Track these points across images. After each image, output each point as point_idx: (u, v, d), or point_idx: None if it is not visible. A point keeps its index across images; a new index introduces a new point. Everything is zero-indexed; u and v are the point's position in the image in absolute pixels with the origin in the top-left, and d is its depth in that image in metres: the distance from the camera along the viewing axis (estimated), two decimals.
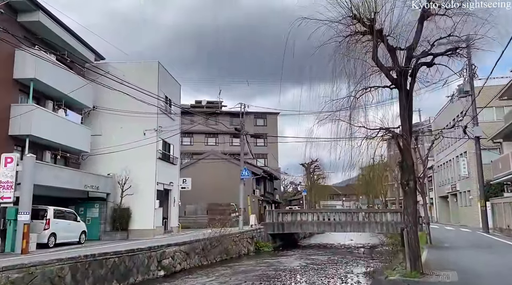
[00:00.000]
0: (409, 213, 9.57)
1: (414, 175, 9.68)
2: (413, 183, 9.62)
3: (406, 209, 9.62)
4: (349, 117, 9.97)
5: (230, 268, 18.55)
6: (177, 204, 28.60)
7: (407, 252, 9.52)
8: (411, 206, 9.59)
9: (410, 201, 9.60)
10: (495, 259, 12.93)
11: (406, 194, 9.66)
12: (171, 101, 27.19)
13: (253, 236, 26.68)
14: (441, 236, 22.81)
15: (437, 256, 13.55)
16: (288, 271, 17.97)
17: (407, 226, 9.55)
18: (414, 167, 9.84)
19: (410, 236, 9.47)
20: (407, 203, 9.59)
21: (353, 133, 10.73)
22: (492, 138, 28.26)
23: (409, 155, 9.80)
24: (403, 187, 9.73)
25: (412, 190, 9.61)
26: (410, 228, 9.50)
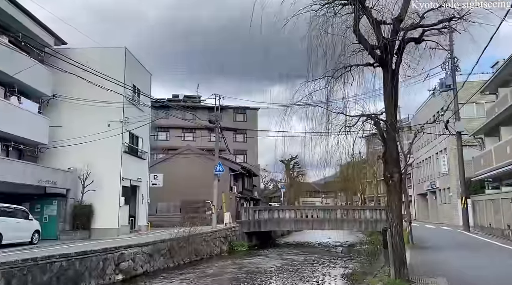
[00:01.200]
0: (394, 211, 8.30)
1: (399, 167, 8.42)
2: (398, 175, 8.36)
3: (389, 206, 8.36)
4: (325, 100, 8.62)
5: (198, 271, 17.09)
6: (146, 202, 26.88)
7: (391, 256, 8.26)
8: (396, 203, 8.32)
9: (395, 197, 8.33)
10: (483, 262, 11.84)
11: (389, 189, 8.39)
12: (140, 90, 25.45)
13: (226, 235, 25.24)
14: (423, 235, 21.84)
15: (422, 259, 12.39)
16: (261, 273, 16.61)
17: (391, 226, 8.28)
18: (399, 158, 8.58)
19: (394, 238, 8.21)
20: (391, 199, 8.33)
21: (331, 121, 9.44)
22: (474, 133, 27.55)
23: (394, 144, 8.54)
24: (387, 180, 8.45)
25: (397, 184, 8.34)
26: (394, 229, 8.24)
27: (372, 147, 64.75)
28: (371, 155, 59.94)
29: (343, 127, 9.46)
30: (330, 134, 9.47)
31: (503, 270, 10.33)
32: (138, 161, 25.41)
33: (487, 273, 9.80)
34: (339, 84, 9.24)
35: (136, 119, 23.82)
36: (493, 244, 17.16)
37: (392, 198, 8.38)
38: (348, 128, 9.48)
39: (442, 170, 35.72)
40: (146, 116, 26.06)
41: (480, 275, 9.52)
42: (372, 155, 57.23)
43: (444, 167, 35.31)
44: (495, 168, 22.05)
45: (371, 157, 60.73)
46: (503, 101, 22.86)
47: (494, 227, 21.95)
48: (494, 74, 24.23)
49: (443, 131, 30.64)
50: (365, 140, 64.34)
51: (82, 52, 22.24)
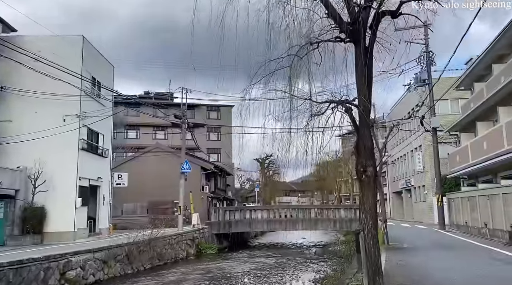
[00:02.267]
0: (367, 211, 7.11)
1: (373, 159, 7.24)
2: (372, 169, 7.17)
3: (363, 205, 7.16)
4: (288, 81, 7.35)
5: (157, 278, 15.59)
6: (108, 203, 25.11)
7: (364, 264, 7.07)
8: (370, 201, 7.13)
9: (368, 194, 7.14)
10: (464, 265, 10.84)
11: (363, 185, 7.20)
12: (100, 83, 23.68)
13: (194, 238, 23.76)
14: (398, 235, 20.93)
15: (398, 262, 11.31)
16: (226, 279, 15.28)
17: (364, 228, 7.08)
18: (373, 149, 7.40)
19: (368, 242, 7.02)
20: (365, 197, 7.14)
21: (296, 108, 8.20)
22: (449, 129, 26.97)
23: (368, 131, 7.34)
24: (359, 175, 7.25)
25: (371, 180, 7.15)
26: (368, 231, 7.04)
27: (347, 145, 64.55)
28: (346, 154, 59.59)
29: (310, 117, 8.28)
30: (297, 129, 8.25)
31: (486, 273, 9.33)
32: (98, 159, 23.65)
33: (468, 277, 8.77)
34: (305, 66, 8.01)
35: (95, 114, 22.07)
36: (471, 244, 16.34)
37: (365, 196, 7.19)
38: (316, 117, 8.29)
39: (417, 167, 35.20)
40: (107, 111, 24.29)
41: (463, 281, 8.47)
42: (347, 154, 56.88)
43: (419, 164, 34.80)
44: (471, 164, 21.39)
45: (346, 155, 60.40)
46: (479, 95, 22.24)
47: (471, 226, 21.28)
48: (470, 66, 23.61)
49: (419, 127, 30.13)
50: (340, 139, 64.21)
51: (33, 40, 20.43)
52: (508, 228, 16.29)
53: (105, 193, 24.76)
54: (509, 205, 16.08)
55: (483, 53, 21.08)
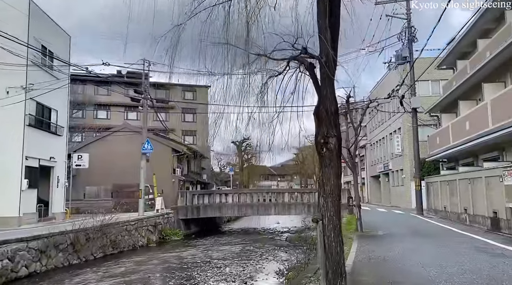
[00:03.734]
0: (328, 194, 5.48)
1: (338, 129, 5.59)
2: (336, 141, 5.52)
3: (322, 187, 5.54)
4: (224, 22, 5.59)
5: (104, 269, 13.86)
6: (64, 185, 23.07)
7: (322, 263, 5.47)
8: (332, 182, 5.50)
9: (330, 172, 5.50)
10: (446, 258, 9.44)
11: (323, 160, 5.55)
12: (52, 54, 21.36)
13: (156, 223, 22.00)
14: (373, 221, 19.68)
15: (371, 253, 9.84)
16: (181, 270, 13.66)
17: (324, 216, 5.46)
18: (338, 115, 5.75)
19: (328, 235, 5.41)
20: (325, 176, 5.51)
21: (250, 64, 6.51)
22: (430, 110, 25.69)
23: (332, 92, 5.67)
24: (319, 148, 5.60)
25: (333, 154, 5.51)
26: (329, 221, 5.43)
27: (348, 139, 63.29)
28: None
29: (268, 78, 6.59)
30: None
31: (471, 268, 7.92)
32: (51, 138, 21.50)
33: (453, 275, 7.33)
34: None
35: (47, 87, 19.86)
36: (450, 231, 15.11)
37: (326, 176, 5.54)
38: (273, 78, 6.59)
39: (396, 150, 34.09)
40: (63, 85, 22.05)
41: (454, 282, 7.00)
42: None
43: (398, 147, 33.68)
44: (452, 146, 20.14)
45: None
46: (462, 73, 20.89)
47: (450, 211, 20.16)
48: (454, 42, 22.17)
49: (398, 109, 28.81)
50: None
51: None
52: (490, 214, 15.09)
53: (60, 175, 22.69)
54: (492, 189, 14.85)
55: (468, 28, 19.63)
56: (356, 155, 52.28)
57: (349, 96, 14.63)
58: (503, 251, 10.08)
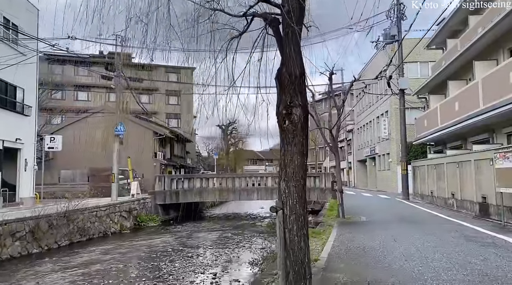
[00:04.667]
0: (290, 177, 4.43)
1: (303, 97, 4.52)
2: (301, 111, 4.46)
3: (283, 168, 4.49)
4: None
5: (66, 259, 12.77)
6: (33, 168, 21.77)
7: (281, 263, 4.44)
8: (296, 163, 4.45)
9: (293, 150, 4.45)
10: (433, 248, 8.54)
11: (285, 135, 4.50)
12: (17, 27, 19.83)
13: (131, 209, 20.91)
14: (357, 205, 18.89)
15: (350, 243, 8.90)
16: (148, 260, 12.67)
17: (285, 204, 4.42)
18: (305, 80, 4.67)
19: (290, 228, 4.39)
20: (287, 155, 4.47)
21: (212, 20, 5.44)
22: (418, 91, 24.76)
23: (297, 51, 4.56)
24: (281, 120, 4.53)
25: (298, 128, 4.45)
26: (291, 210, 4.39)
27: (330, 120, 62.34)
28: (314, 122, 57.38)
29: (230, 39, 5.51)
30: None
31: (460, 261, 7.04)
32: (16, 117, 20.14)
33: (441, 270, 6.42)
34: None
35: (9, 62, 18.38)
36: (437, 217, 14.31)
37: (288, 154, 4.49)
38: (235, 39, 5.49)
39: (383, 134, 33.29)
40: (31, 62, 20.54)
41: (434, 279, 6.08)
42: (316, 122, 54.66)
43: (385, 131, 32.87)
44: (440, 128, 19.28)
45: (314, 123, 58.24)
46: (452, 52, 19.91)
47: (436, 196, 19.42)
48: (444, 20, 21.15)
49: (386, 91, 27.86)
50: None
51: None
52: (479, 199, 14.30)
53: (28, 158, 21.38)
54: (482, 173, 14.02)
55: (459, 3, 18.59)
56: (343, 140, 51.70)
57: (331, 73, 13.55)
58: (493, 239, 9.24)
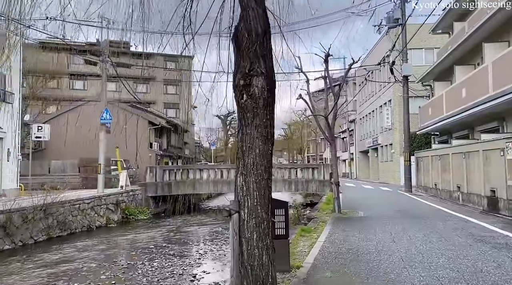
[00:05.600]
0: (250, 171, 3.34)
1: (269, 64, 3.41)
2: (263, 82, 3.35)
3: (242, 158, 3.40)
4: None
5: (36, 257, 11.80)
6: (16, 158, 20.77)
7: (235, 280, 3.35)
8: (257, 149, 3.35)
9: (253, 135, 3.37)
10: (437, 251, 7.47)
11: (243, 116, 3.39)
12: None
13: (118, 201, 19.91)
14: (356, 198, 17.81)
15: (342, 244, 7.83)
16: (125, 258, 11.68)
17: (242, 206, 3.33)
18: (269, 43, 3.55)
19: (248, 237, 3.31)
20: (247, 140, 3.38)
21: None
22: (422, 78, 23.50)
23: (260, 6, 3.40)
24: (238, 95, 3.43)
25: (259, 106, 3.34)
26: (249, 214, 3.30)
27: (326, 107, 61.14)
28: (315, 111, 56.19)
29: None
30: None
31: (471, 267, 5.95)
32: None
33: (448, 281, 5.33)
34: None
35: None
36: (441, 212, 13.22)
37: (247, 139, 3.39)
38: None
39: (385, 124, 32.08)
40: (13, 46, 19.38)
41: None
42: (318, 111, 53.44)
43: (388, 120, 31.65)
44: (446, 117, 18.09)
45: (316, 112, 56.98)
46: (459, 35, 18.60)
47: (441, 188, 18.30)
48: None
49: (389, 79, 26.63)
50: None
51: None
52: (487, 193, 13.16)
53: (11, 147, 20.37)
54: (491, 164, 12.86)
55: None
56: (345, 130, 50.46)
57: (327, 55, 12.35)
58: (506, 240, 8.13)
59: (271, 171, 3.47)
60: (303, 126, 60.38)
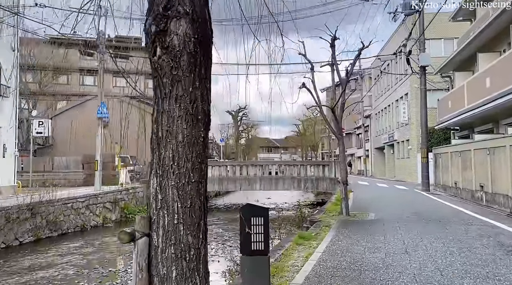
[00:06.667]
0: (167, 170, 2.13)
1: (202, 3, 2.21)
2: (188, 29, 2.15)
3: (157, 150, 2.23)
4: None
5: (12, 261, 10.85)
6: (14, 155, 20.03)
7: None
8: (180, 139, 2.15)
9: (173, 111, 2.16)
10: (463, 266, 6.17)
11: (158, 82, 2.19)
12: None
13: (116, 199, 18.96)
14: (368, 198, 16.45)
15: (344, 257, 6.57)
16: (109, 264, 10.67)
17: (155, 226, 2.14)
18: None
19: (162, 276, 2.08)
20: (161, 123, 2.19)
21: None
22: (441, 69, 21.88)
23: None
24: (151, 49, 2.23)
25: (181, 65, 2.12)
26: (166, 239, 2.11)
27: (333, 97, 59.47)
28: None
29: None
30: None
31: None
32: None
33: None
34: None
35: None
36: (463, 215, 11.79)
37: (164, 119, 2.18)
38: None
39: (402, 119, 30.42)
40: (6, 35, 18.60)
41: None
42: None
43: (404, 115, 29.99)
44: (468, 109, 16.54)
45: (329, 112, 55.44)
46: (483, 19, 16.98)
47: (461, 187, 16.77)
48: None
49: (406, 72, 25.10)
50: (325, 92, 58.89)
51: None
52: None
53: (8, 143, 19.63)
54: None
55: None
56: (360, 126, 48.74)
57: (334, 38, 11.00)
58: None
59: (205, 170, 2.28)
60: (316, 122, 58.81)
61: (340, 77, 11.43)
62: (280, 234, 10.89)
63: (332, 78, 11.61)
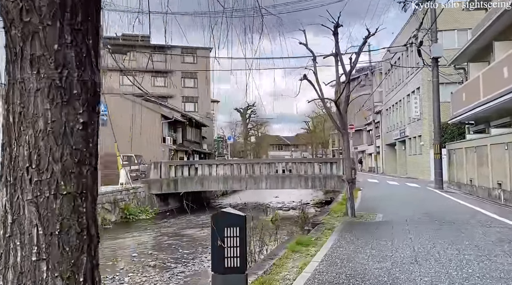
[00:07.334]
0: (21, 176, 1.36)
1: None
2: None
3: (6, 145, 1.49)
4: None
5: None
6: None
7: None
8: (40, 123, 1.40)
9: (29, 82, 1.41)
10: (483, 276, 5.37)
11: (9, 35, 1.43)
12: None
13: (116, 200, 18.38)
14: (378, 197, 15.57)
15: (343, 267, 5.76)
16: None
17: (3, 264, 1.37)
18: None
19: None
20: (12, 102, 1.45)
21: None
22: (454, 60, 20.79)
23: None
24: None
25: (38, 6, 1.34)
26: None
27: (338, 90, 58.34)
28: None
29: None
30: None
31: None
32: None
33: None
34: None
35: None
36: (480, 215, 10.87)
37: (19, 96, 1.41)
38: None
39: (414, 114, 29.35)
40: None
41: None
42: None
43: (416, 110, 28.91)
44: (483, 102, 15.50)
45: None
46: (500, 5, 15.89)
47: (477, 185, 15.77)
48: None
49: (417, 63, 24.11)
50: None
51: None
52: None
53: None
54: None
55: None
56: (371, 122, 47.57)
57: (337, 25, 10.15)
58: None
59: (92, 176, 1.50)
60: (325, 119, 57.86)
61: (344, 68, 10.57)
62: (276, 238, 10.10)
63: (336, 69, 10.77)
